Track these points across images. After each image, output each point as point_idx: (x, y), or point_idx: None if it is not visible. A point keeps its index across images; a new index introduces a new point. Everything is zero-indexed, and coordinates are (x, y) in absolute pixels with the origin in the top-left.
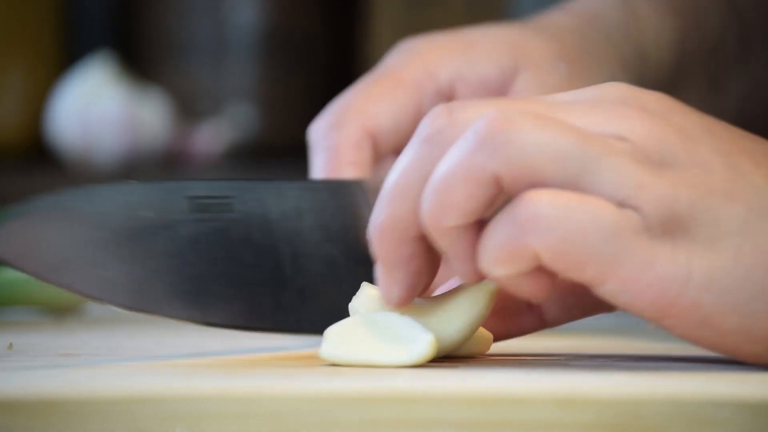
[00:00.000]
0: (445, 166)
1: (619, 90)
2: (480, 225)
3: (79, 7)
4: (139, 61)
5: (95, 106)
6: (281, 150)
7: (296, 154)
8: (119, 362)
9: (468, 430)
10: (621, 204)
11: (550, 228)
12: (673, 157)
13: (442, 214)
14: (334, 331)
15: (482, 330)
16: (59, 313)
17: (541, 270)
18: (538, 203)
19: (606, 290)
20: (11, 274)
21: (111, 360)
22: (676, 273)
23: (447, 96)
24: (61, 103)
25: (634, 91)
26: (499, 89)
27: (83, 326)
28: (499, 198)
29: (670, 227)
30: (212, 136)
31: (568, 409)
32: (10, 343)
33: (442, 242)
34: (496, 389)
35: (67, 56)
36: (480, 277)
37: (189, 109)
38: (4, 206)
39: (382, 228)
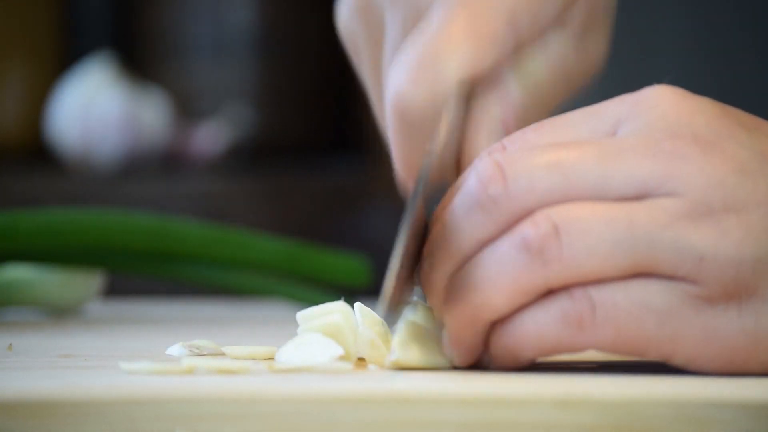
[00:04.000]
0: (486, 269)
1: (670, 106)
2: None
3: (79, 8)
4: (139, 61)
5: (95, 106)
6: (281, 150)
7: (295, 154)
8: (119, 363)
9: (467, 431)
10: (683, 280)
11: (601, 324)
12: (733, 200)
13: (476, 309)
14: (401, 334)
15: None
16: (59, 313)
17: None
18: (587, 300)
19: (675, 364)
20: (11, 274)
21: (111, 360)
22: (744, 340)
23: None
24: (61, 103)
25: (683, 110)
26: (554, 25)
27: (83, 326)
28: None
29: (736, 292)
30: (212, 136)
31: (568, 410)
32: (10, 344)
33: (461, 329)
34: (495, 390)
35: (67, 56)
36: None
37: (189, 109)
38: (5, 206)
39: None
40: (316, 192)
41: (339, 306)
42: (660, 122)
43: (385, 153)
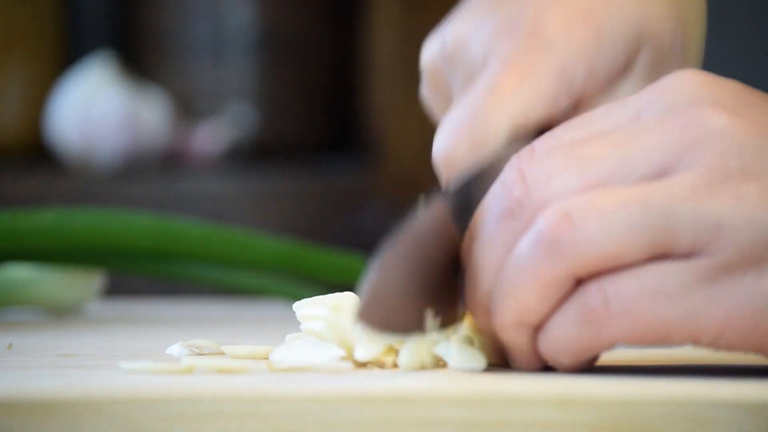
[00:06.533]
0: (513, 272)
1: (691, 85)
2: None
3: (79, 7)
4: (139, 61)
5: (95, 106)
6: (281, 150)
7: (295, 154)
8: (119, 363)
9: (467, 430)
10: (700, 253)
11: (617, 316)
12: (752, 166)
13: (516, 315)
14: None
15: None
16: (59, 313)
17: None
18: (600, 294)
19: (703, 345)
20: (11, 274)
21: (111, 360)
22: (766, 303)
23: (576, 98)
24: (61, 103)
25: (707, 84)
26: (622, 73)
27: (83, 326)
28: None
29: (754, 257)
30: (212, 136)
31: (567, 409)
32: (10, 343)
33: (511, 338)
34: (495, 390)
35: (67, 56)
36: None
37: (189, 109)
38: (5, 206)
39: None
40: (315, 192)
41: (344, 297)
42: (681, 99)
43: (384, 153)
